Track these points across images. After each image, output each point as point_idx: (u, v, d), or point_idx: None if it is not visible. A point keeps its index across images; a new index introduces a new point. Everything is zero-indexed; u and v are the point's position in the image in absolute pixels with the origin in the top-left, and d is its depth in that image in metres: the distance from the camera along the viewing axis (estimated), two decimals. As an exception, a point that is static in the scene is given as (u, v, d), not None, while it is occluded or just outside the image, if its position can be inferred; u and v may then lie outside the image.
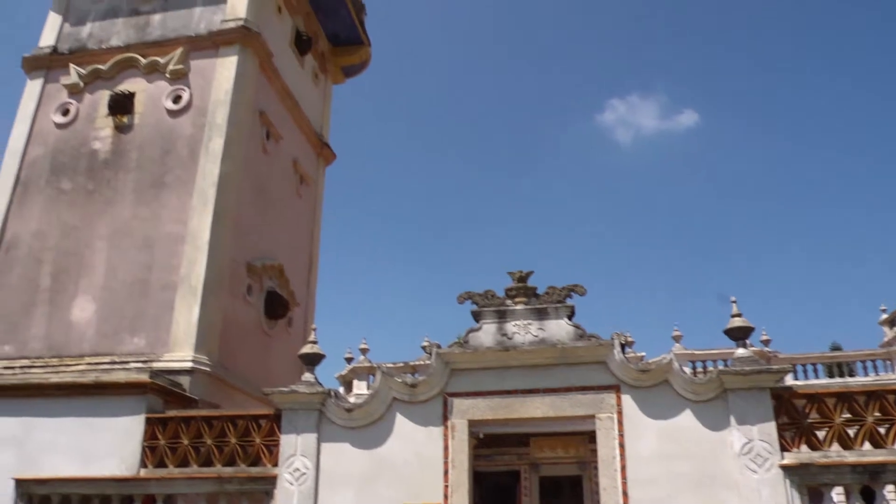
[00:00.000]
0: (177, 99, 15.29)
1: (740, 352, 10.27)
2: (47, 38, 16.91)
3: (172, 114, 15.19)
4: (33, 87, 16.35)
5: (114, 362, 13.01)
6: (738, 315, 10.42)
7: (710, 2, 63.63)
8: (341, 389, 27.67)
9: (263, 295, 15.59)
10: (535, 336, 10.77)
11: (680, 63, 65.23)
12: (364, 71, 22.28)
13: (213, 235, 13.76)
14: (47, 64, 16.47)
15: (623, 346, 10.54)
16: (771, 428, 9.68)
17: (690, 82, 66.22)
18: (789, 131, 66.80)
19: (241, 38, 15.46)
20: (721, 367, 10.65)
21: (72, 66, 16.19)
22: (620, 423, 10.22)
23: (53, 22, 17.17)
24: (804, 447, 9.70)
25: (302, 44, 18.74)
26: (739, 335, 10.41)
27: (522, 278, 11.34)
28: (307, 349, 11.68)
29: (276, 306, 15.85)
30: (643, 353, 24.01)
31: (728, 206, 66.67)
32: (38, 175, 15.34)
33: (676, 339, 28.53)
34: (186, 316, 13.16)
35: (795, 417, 9.82)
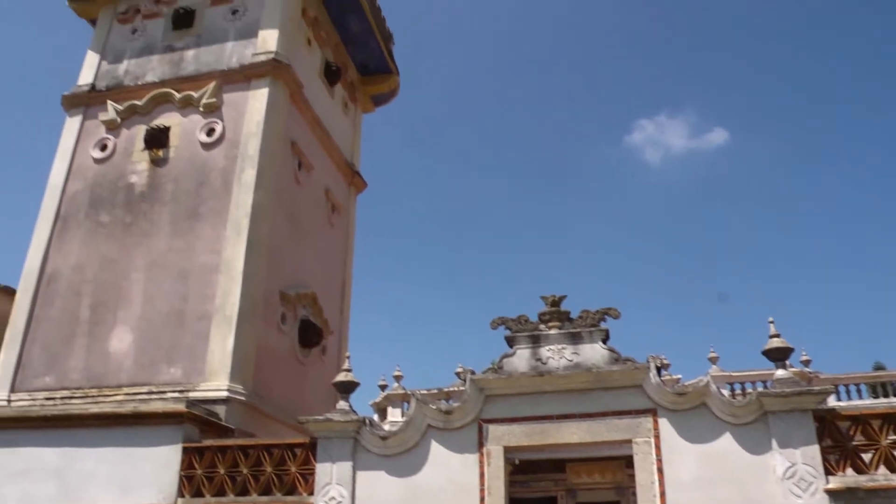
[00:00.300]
0: (210, 132, 15.57)
1: (780, 373, 10.08)
2: (86, 77, 17.37)
3: (206, 146, 15.46)
4: (72, 123, 16.79)
5: (151, 392, 13.16)
6: (777, 335, 10.24)
7: (736, 19, 63.30)
8: (376, 417, 27.63)
9: (297, 323, 15.68)
10: (570, 360, 10.67)
11: (708, 81, 64.89)
12: (393, 99, 22.51)
13: (247, 265, 13.91)
14: (86, 101, 16.90)
15: (659, 369, 10.40)
16: (814, 451, 9.45)
17: (719, 100, 65.78)
18: (822, 147, 65.98)
19: (271, 70, 15.73)
20: (760, 389, 10.45)
21: (109, 102, 16.59)
22: (658, 447, 10.06)
23: (91, 60, 17.64)
24: (849, 471, 9.44)
25: (331, 74, 19.00)
26: (778, 356, 10.22)
27: (555, 302, 11.27)
28: (341, 377, 11.70)
29: (310, 334, 15.93)
30: (679, 376, 23.65)
31: (762, 225, 65.85)
32: (78, 209, 15.69)
33: (713, 360, 28.07)
34: (221, 345, 13.27)
35: (839, 440, 9.58)
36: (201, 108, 15.84)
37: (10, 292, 16.35)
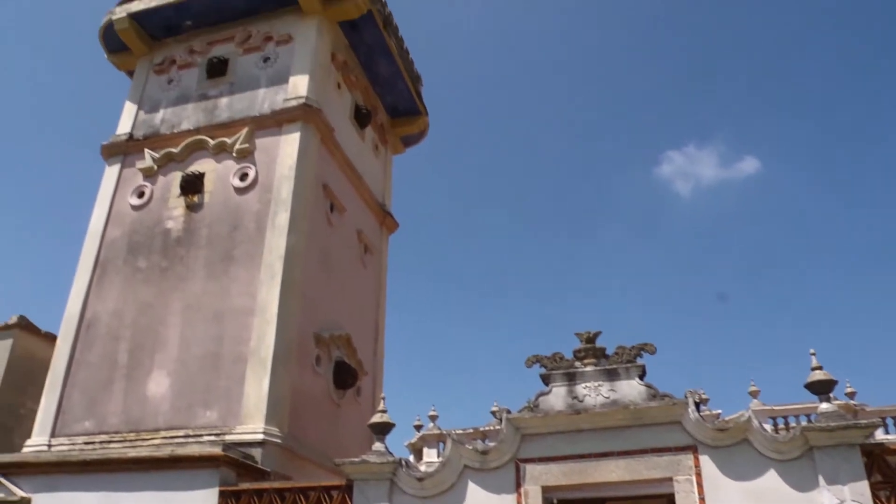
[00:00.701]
0: (244, 176, 15.83)
1: (824, 406, 9.83)
2: (124, 126, 17.86)
3: (240, 191, 15.71)
4: (111, 172, 17.22)
5: (188, 436, 13.22)
6: (819, 368, 10.00)
7: (760, 47, 62.99)
8: (411, 458, 27.42)
9: (332, 365, 15.71)
10: (607, 398, 10.53)
11: (736, 109, 64.44)
12: (423, 140, 22.75)
13: (281, 307, 14.01)
14: (124, 150, 17.35)
15: (698, 405, 10.21)
16: (864, 487, 9.16)
17: (748, 128, 65.20)
18: (856, 174, 65.03)
19: (303, 115, 16.01)
20: (805, 424, 10.19)
21: (146, 150, 17.00)
22: (700, 485, 9.83)
23: (129, 110, 18.15)
24: (901, 507, 9.14)
25: (362, 117, 19.28)
26: (822, 389, 9.97)
27: (590, 339, 11.17)
28: (377, 418, 11.65)
29: (345, 376, 15.93)
30: (719, 411, 23.22)
31: (799, 253, 64.82)
32: (116, 255, 15.99)
33: (753, 394, 27.48)
34: (257, 388, 13.32)
35: (889, 475, 9.28)
36: (235, 154, 16.14)
37: (51, 338, 16.64)
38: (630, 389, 10.49)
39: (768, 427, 21.79)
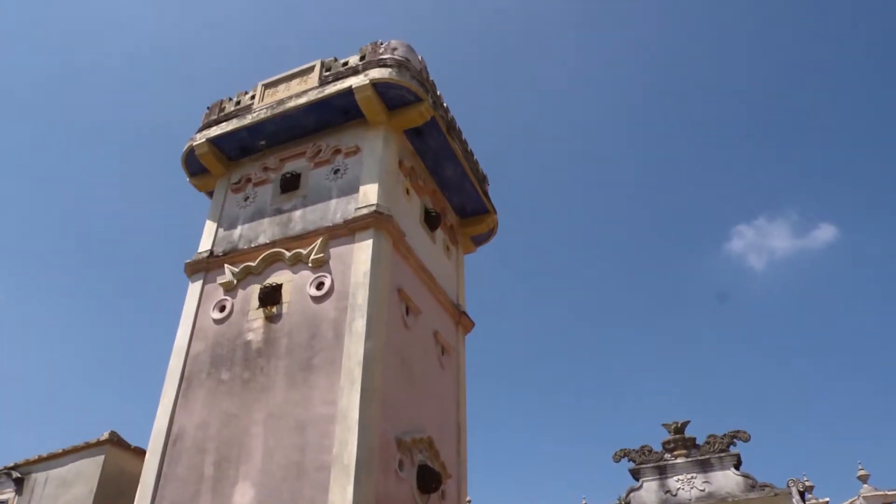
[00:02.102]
0: (319, 285, 16.22)
1: (941, 491, 9.18)
2: (205, 244, 18.70)
3: (316, 299, 16.06)
4: (194, 288, 17.92)
5: (275, 548, 13.08)
6: (930, 449, 9.40)
7: (820, 110, 61.81)
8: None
9: (415, 469, 15.49)
10: (702, 490, 10.08)
11: (805, 178, 62.88)
12: (493, 238, 22.99)
13: (362, 413, 14.01)
14: (205, 266, 18.09)
15: (802, 493, 9.69)
16: None
17: (821, 196, 63.11)
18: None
19: (374, 222, 16.45)
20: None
21: (226, 266, 17.67)
22: (813, 582, 9.19)
23: (210, 229, 19.03)
24: None
25: (431, 220, 19.68)
26: (936, 472, 9.34)
27: (679, 429, 10.81)
28: (463, 522, 11.38)
29: (429, 480, 15.66)
30: (827, 499, 21.76)
31: (891, 320, 61.40)
32: (200, 369, 16.40)
33: (863, 478, 25.72)
34: (341, 496, 13.19)
35: None
36: (310, 264, 16.61)
37: (140, 453, 17.01)
38: (726, 480, 10.04)
39: (882, 517, 20.29)
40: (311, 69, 19.57)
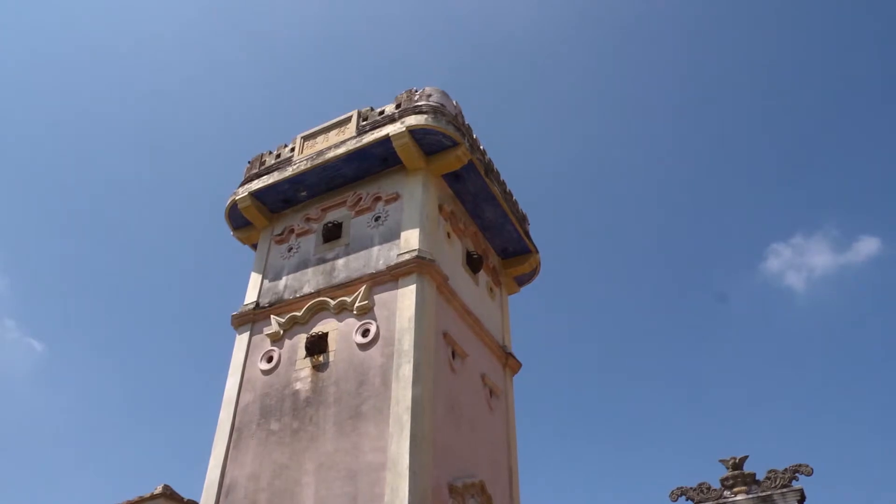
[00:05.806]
0: (365, 332, 16.27)
1: None
2: (251, 296, 18.93)
3: (362, 347, 16.11)
4: (241, 340, 18.10)
5: None
6: None
7: (856, 114, 60.30)
8: None
9: (467, 515, 15.28)
10: (766, 530, 9.75)
11: (842, 191, 61.21)
12: (536, 277, 22.90)
13: (412, 460, 13.91)
14: (252, 318, 18.29)
15: (872, 532, 9.30)
16: None
17: (860, 208, 61.12)
18: None
19: (417, 267, 16.52)
20: None
21: (272, 317, 17.84)
22: None
23: (255, 281, 19.28)
24: None
25: (473, 262, 19.70)
26: None
27: (737, 465, 10.52)
28: (520, 569, 11.14)
29: (482, 526, 15.43)
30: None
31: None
32: (250, 420, 16.49)
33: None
34: (395, 545, 13.05)
35: None
36: (355, 312, 16.70)
37: (193, 508, 17.07)
38: (791, 519, 9.70)
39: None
40: (349, 119, 19.92)
